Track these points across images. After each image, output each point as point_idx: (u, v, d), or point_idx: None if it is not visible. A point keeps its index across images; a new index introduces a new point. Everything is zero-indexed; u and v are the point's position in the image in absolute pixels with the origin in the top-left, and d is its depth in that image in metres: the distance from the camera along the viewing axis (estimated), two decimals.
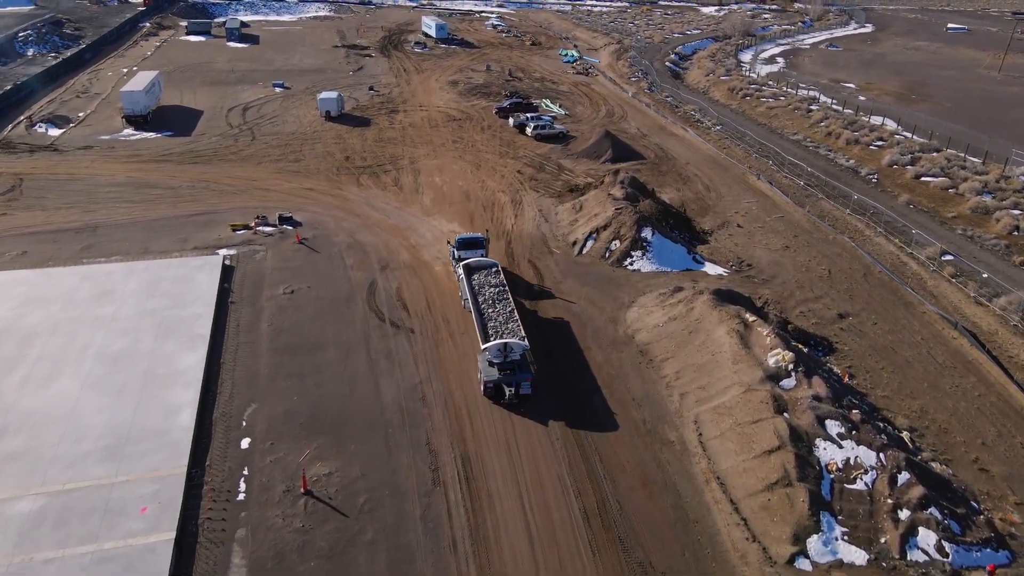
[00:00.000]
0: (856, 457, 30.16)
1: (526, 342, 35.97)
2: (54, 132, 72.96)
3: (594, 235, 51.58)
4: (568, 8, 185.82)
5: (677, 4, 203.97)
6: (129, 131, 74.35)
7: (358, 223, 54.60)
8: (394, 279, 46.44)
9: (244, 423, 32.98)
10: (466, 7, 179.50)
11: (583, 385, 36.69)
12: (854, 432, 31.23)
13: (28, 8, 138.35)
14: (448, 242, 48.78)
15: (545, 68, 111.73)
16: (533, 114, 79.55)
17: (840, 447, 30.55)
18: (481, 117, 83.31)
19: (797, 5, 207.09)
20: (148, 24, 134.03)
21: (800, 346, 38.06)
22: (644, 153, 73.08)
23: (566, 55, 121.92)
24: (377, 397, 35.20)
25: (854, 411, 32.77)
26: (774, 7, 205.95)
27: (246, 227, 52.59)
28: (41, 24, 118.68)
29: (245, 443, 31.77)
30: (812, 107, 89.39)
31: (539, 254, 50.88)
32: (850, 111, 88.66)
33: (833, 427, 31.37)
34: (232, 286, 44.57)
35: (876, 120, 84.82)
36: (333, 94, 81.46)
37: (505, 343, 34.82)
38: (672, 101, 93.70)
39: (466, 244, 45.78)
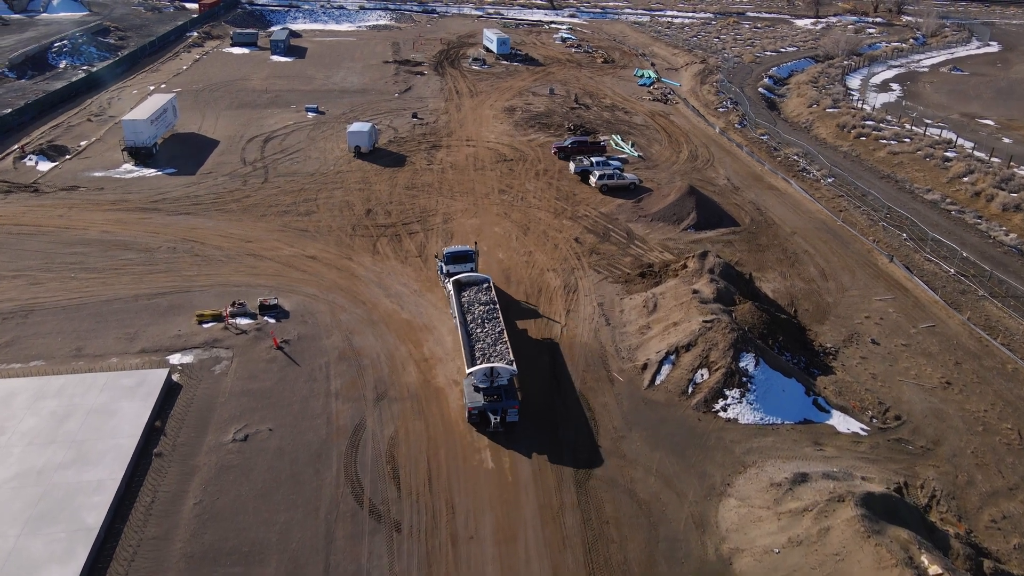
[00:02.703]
0: None
1: (514, 367, 33.85)
2: (44, 166, 63.43)
3: (672, 357, 37.37)
4: (646, 19, 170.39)
5: (767, 16, 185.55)
6: (128, 166, 64.20)
7: (361, 316, 41.97)
8: (390, 420, 33.45)
9: None
10: (535, 17, 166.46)
11: None
12: None
13: (80, 14, 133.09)
14: (436, 256, 46.71)
15: (617, 92, 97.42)
16: (599, 158, 65.52)
17: None
18: (537, 158, 69.84)
19: (906, 18, 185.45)
20: (195, 33, 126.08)
21: None
22: (737, 216, 58.09)
23: (642, 76, 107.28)
24: None
25: None
26: (879, 20, 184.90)
27: (216, 318, 40.69)
28: (80, 33, 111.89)
29: None
30: (948, 153, 72.23)
31: (595, 381, 37.00)
32: (998, 159, 71.10)
33: None
34: (168, 424, 32.46)
35: None
36: (365, 127, 69.52)
37: (492, 367, 32.86)
38: (769, 141, 77.97)
39: (456, 258, 43.54)
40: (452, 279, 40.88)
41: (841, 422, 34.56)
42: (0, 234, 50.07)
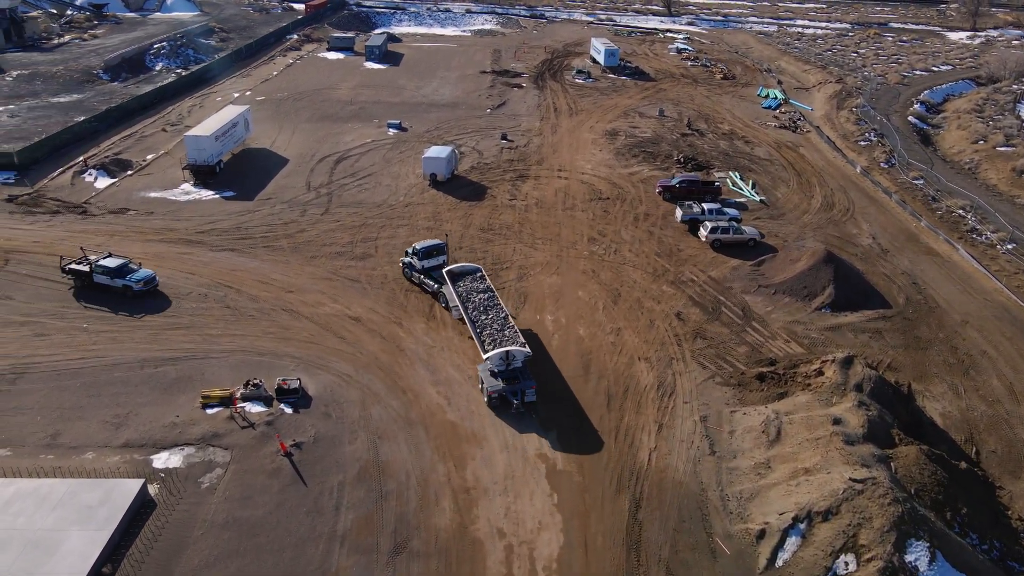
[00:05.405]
0: None
1: (527, 348, 34.49)
2: (103, 183, 59.21)
3: (802, 525, 26.72)
4: (772, 29, 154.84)
5: (914, 28, 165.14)
6: (187, 186, 59.09)
7: (397, 411, 33.64)
8: None
9: None
10: (650, 24, 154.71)
11: None
12: None
13: (191, 15, 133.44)
14: (405, 253, 45.27)
15: (737, 116, 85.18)
16: (712, 204, 54.57)
17: None
18: (638, 197, 59.59)
19: None
20: (295, 36, 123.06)
21: None
22: (888, 293, 45.85)
23: (767, 97, 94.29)
24: None
25: None
26: None
27: (224, 402, 33.44)
28: (180, 34, 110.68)
29: None
30: None
31: (689, 551, 26.89)
32: None
33: None
34: (120, 568, 25.09)
35: None
36: (443, 152, 61.61)
37: (507, 351, 33.74)
38: (925, 187, 64.06)
39: (429, 252, 44.00)
40: (445, 270, 41.30)
41: None
42: (27, 264, 45.27)
